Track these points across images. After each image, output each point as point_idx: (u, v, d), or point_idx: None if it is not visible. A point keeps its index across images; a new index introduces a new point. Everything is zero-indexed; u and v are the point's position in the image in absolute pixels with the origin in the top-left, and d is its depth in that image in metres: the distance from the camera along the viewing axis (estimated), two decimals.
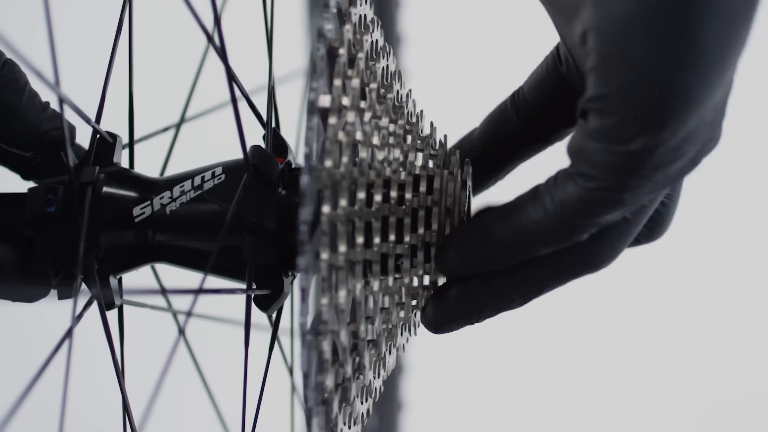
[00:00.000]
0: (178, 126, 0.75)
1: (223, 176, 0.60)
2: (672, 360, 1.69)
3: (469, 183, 0.59)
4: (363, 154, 0.54)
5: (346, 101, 0.52)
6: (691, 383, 1.67)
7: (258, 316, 0.61)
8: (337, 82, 0.52)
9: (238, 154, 0.58)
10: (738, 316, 1.71)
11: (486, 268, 0.56)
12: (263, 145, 0.62)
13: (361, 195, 0.53)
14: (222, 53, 0.57)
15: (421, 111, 0.63)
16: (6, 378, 0.99)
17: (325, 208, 0.50)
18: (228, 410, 0.79)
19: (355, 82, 0.54)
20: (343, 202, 0.51)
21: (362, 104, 0.55)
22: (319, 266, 0.50)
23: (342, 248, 0.51)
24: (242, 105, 0.58)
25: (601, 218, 0.52)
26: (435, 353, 1.64)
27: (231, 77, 0.57)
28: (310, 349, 0.50)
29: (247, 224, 0.59)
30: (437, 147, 0.60)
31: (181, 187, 0.61)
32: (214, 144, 0.88)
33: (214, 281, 0.61)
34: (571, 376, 1.69)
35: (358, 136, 0.54)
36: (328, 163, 0.51)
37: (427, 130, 0.62)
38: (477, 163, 0.61)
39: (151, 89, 1.00)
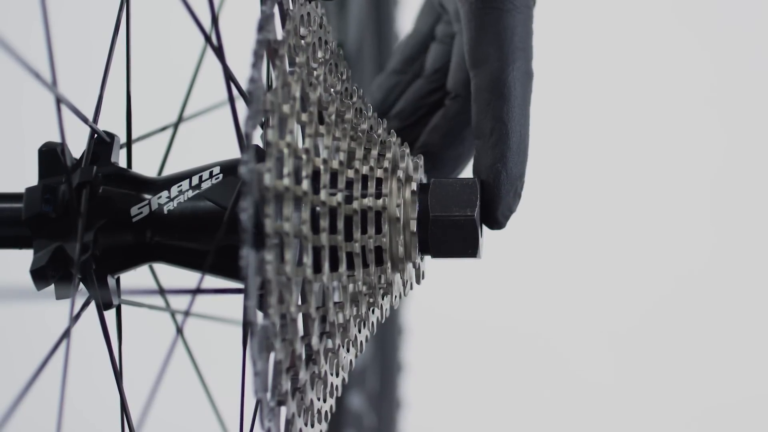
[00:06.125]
0: (175, 125, 0.75)
1: (221, 176, 0.60)
2: (674, 360, 1.69)
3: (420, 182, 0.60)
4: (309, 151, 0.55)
5: (286, 108, 0.53)
6: (692, 382, 1.67)
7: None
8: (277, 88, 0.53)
9: (236, 154, 0.58)
10: (739, 315, 1.71)
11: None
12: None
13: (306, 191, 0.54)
14: (219, 53, 0.57)
15: (370, 106, 0.63)
16: (4, 378, 0.99)
17: (268, 210, 0.51)
18: (226, 410, 0.78)
19: (295, 88, 0.54)
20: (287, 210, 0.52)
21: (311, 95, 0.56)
22: (264, 269, 0.50)
23: (288, 256, 0.52)
24: (240, 104, 0.58)
25: None
26: (435, 353, 1.64)
27: (229, 76, 0.57)
28: (261, 348, 0.50)
29: None
30: (387, 145, 0.60)
31: (178, 186, 0.61)
32: (212, 143, 0.88)
33: (212, 281, 0.61)
34: (571, 375, 1.69)
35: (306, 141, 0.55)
36: (269, 164, 0.51)
37: (374, 127, 0.62)
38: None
39: (148, 89, 1.00)
